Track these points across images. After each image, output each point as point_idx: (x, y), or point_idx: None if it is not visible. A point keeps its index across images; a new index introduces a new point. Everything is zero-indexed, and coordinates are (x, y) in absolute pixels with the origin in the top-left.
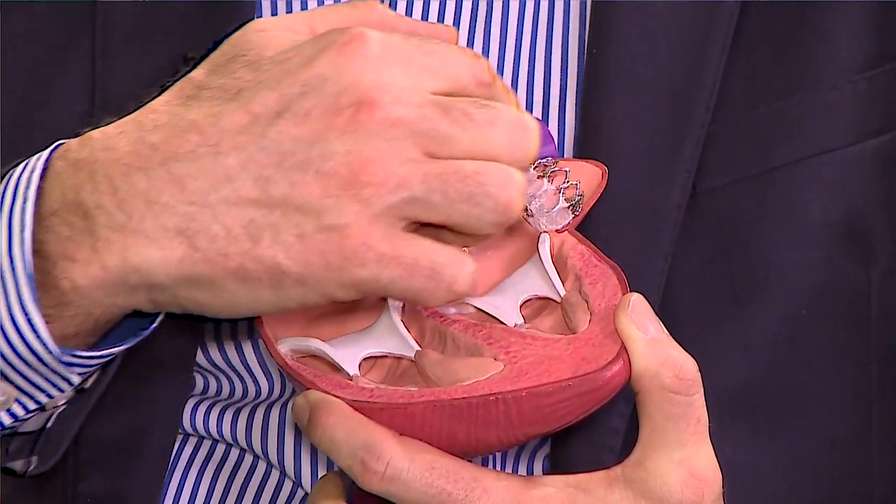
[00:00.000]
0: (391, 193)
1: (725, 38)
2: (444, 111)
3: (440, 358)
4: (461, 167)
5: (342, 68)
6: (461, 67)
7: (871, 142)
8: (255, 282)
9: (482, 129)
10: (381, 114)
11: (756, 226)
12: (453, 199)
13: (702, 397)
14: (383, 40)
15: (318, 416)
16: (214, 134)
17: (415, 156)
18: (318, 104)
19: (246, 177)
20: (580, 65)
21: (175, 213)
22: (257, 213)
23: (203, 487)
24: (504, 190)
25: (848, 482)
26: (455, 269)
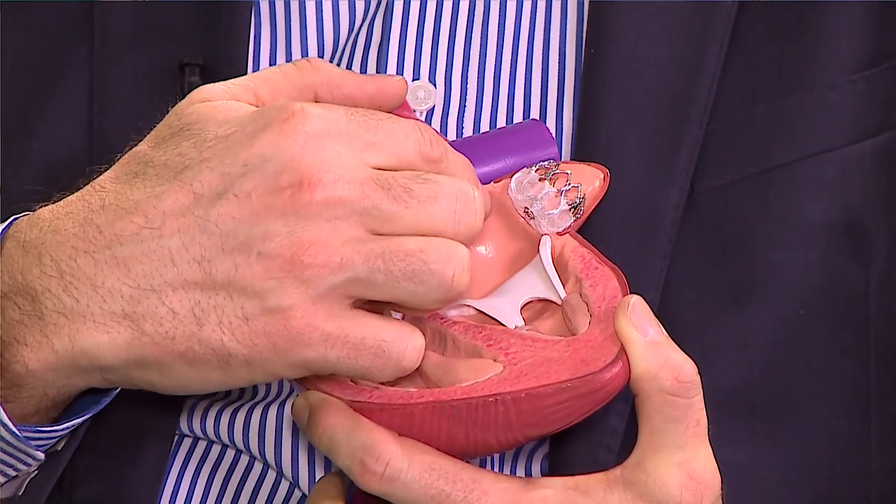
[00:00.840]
0: (333, 274)
1: (723, 38)
2: (385, 189)
3: (440, 359)
4: (403, 245)
5: (282, 147)
6: (406, 143)
7: (870, 141)
8: (202, 364)
9: (424, 205)
10: (322, 193)
11: (755, 226)
12: (397, 277)
13: (701, 400)
14: (323, 116)
15: (318, 417)
16: (157, 216)
17: (357, 234)
18: (258, 185)
19: (189, 259)
20: (577, 65)
21: (121, 297)
22: (202, 296)
23: (199, 488)
24: (448, 265)
25: (846, 482)
26: (401, 346)
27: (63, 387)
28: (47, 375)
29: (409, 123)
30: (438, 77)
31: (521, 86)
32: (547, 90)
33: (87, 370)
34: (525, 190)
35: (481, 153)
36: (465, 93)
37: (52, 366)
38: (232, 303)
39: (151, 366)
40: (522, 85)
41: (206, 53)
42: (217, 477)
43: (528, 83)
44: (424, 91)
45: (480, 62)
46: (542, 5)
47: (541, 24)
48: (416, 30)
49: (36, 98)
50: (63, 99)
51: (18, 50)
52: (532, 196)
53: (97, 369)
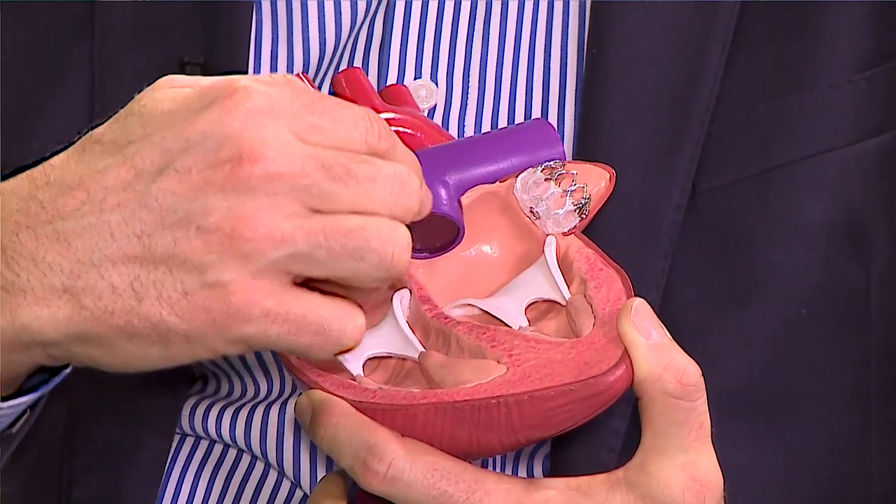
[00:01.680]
0: (274, 249)
1: (725, 38)
2: (325, 167)
3: (444, 360)
4: (344, 222)
5: (224, 123)
6: (353, 131)
7: (871, 141)
8: (142, 338)
9: (363, 185)
10: (262, 168)
11: (755, 226)
12: (338, 253)
13: (705, 402)
14: (268, 94)
15: (321, 416)
16: (99, 191)
17: (297, 210)
18: (199, 160)
19: (129, 234)
20: (579, 64)
21: (61, 272)
22: (141, 271)
23: (201, 488)
24: (388, 244)
25: (847, 482)
26: (342, 324)
27: (8, 364)
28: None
29: (359, 112)
30: (440, 76)
31: (522, 85)
32: (548, 89)
33: (29, 346)
34: (530, 190)
35: (487, 152)
36: (467, 92)
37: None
38: (171, 277)
39: (92, 341)
40: (524, 84)
41: (207, 52)
42: (219, 477)
43: (529, 82)
44: (426, 90)
45: (482, 61)
46: (544, 4)
47: (542, 23)
48: (417, 28)
49: (36, 97)
50: (63, 98)
51: (19, 49)
52: (537, 196)
53: (39, 345)
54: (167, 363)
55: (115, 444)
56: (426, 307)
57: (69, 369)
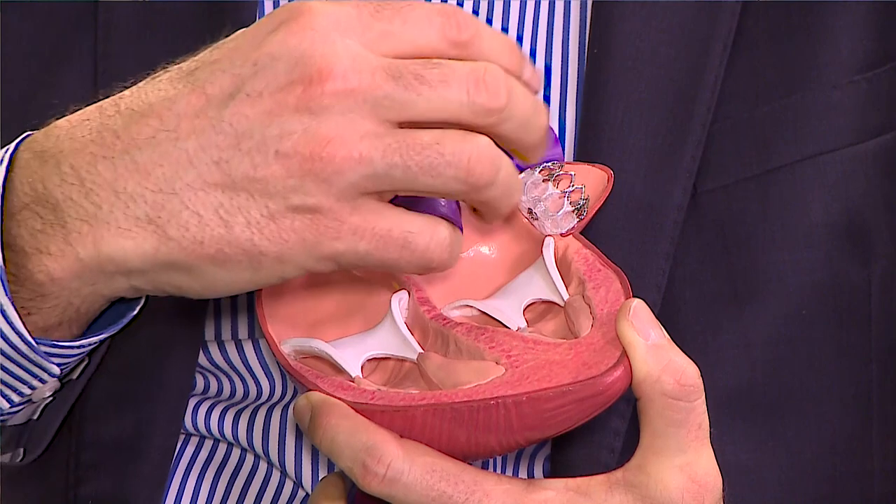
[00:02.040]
0: (352, 171)
1: (727, 38)
2: (395, 77)
3: (442, 361)
4: (419, 137)
5: (291, 45)
6: (427, 29)
7: (872, 142)
8: (234, 264)
9: (436, 90)
10: (332, 86)
11: (757, 226)
12: (415, 172)
13: (703, 403)
14: (332, 12)
15: (320, 418)
16: (172, 118)
17: (372, 127)
18: (269, 83)
19: (207, 161)
20: (580, 65)
21: (143, 202)
22: (224, 197)
23: (204, 488)
24: (462, 156)
25: (848, 482)
26: (427, 239)
27: (88, 295)
28: (72, 283)
29: (432, 8)
30: None
31: None
32: (549, 90)
33: (113, 275)
34: (529, 191)
35: None
36: None
37: (77, 273)
38: (255, 203)
39: (180, 269)
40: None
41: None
42: (222, 477)
43: None
44: None
45: None
46: (545, 4)
47: (543, 25)
48: None
49: (40, 92)
50: (67, 93)
51: (22, 43)
52: (536, 197)
53: (123, 274)
54: (255, 286)
55: (121, 442)
56: (424, 308)
57: (140, 306)
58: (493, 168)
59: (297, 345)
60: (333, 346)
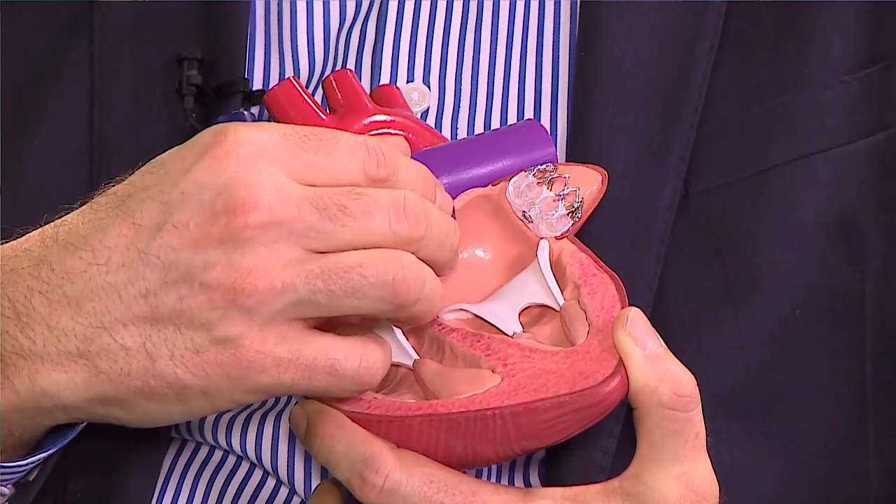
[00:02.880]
0: (276, 299)
1: (713, 39)
2: (321, 209)
3: (438, 369)
4: (342, 261)
5: (216, 172)
6: (349, 164)
7: (864, 141)
8: (161, 397)
9: (359, 220)
10: (256, 217)
11: (749, 226)
12: (339, 295)
13: (700, 412)
14: (259, 139)
15: (316, 428)
16: (103, 251)
17: (296, 255)
18: (195, 213)
19: (135, 294)
20: (571, 67)
21: (74, 337)
22: (151, 331)
23: (199, 494)
24: (387, 274)
25: (844, 482)
26: (353, 363)
27: (29, 426)
28: (12, 416)
29: (355, 142)
30: (432, 79)
31: (514, 88)
32: (541, 92)
33: (51, 410)
34: (523, 194)
35: (479, 154)
36: (460, 95)
37: (16, 406)
38: (181, 335)
39: (112, 402)
40: (516, 87)
41: (205, 49)
42: (216, 482)
43: (521, 85)
44: (419, 93)
45: (474, 64)
46: (536, 7)
47: (534, 27)
48: (410, 31)
49: (36, 95)
50: (63, 95)
51: (18, 47)
52: (530, 200)
53: (60, 409)
54: (189, 417)
55: (111, 440)
56: None
57: (83, 425)
58: (417, 285)
59: None
60: None
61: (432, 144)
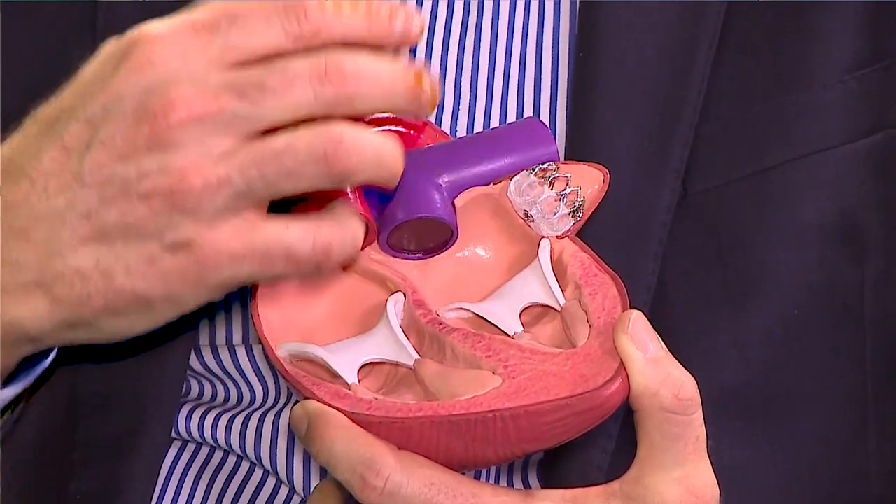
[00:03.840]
0: (215, 195)
1: (712, 38)
2: (240, 93)
3: (439, 369)
4: (271, 145)
5: (133, 80)
6: (266, 32)
7: (864, 141)
8: (126, 312)
9: (282, 96)
10: (176, 116)
11: (750, 226)
12: (275, 180)
13: (700, 416)
14: (168, 37)
15: (317, 429)
16: (40, 178)
17: (227, 146)
18: (119, 125)
19: (77, 216)
20: (570, 69)
21: (28, 268)
22: (101, 250)
23: (199, 494)
24: (317, 148)
25: (845, 482)
26: (309, 245)
27: None
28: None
29: (271, 7)
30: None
31: (514, 88)
32: (540, 92)
33: (19, 341)
34: (524, 193)
35: (480, 152)
36: (459, 95)
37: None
38: (132, 249)
39: (78, 325)
40: (516, 87)
41: None
42: (217, 482)
43: (521, 88)
44: None
45: (473, 67)
46: (535, 8)
47: (534, 27)
48: None
49: (40, 98)
50: None
51: (22, 49)
52: (531, 199)
53: (27, 340)
54: (158, 324)
55: (113, 439)
56: (420, 312)
57: (49, 360)
58: (356, 152)
59: (292, 350)
60: (329, 350)
61: (434, 141)
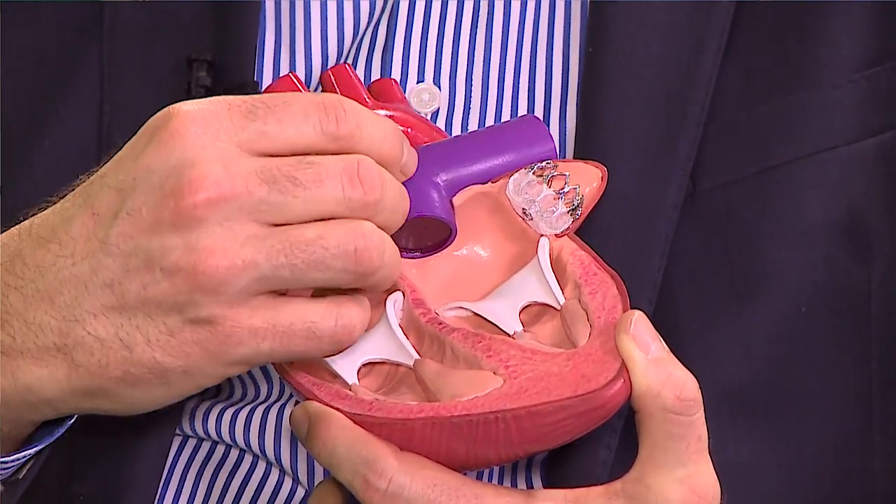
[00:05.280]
0: (238, 278)
1: (721, 37)
2: (269, 182)
3: (439, 369)
4: (302, 234)
5: (163, 155)
6: (303, 126)
7: (872, 140)
8: (144, 383)
9: (311, 191)
10: (204, 195)
11: (756, 224)
12: (302, 269)
13: (702, 416)
14: (202, 114)
15: (318, 430)
16: (69, 242)
17: (254, 230)
18: (147, 198)
19: (100, 284)
20: (581, 66)
21: (51, 331)
22: (122, 319)
23: (202, 489)
24: (348, 247)
25: (849, 481)
26: (332, 323)
27: (16, 423)
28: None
29: (309, 103)
30: (443, 79)
31: (524, 87)
32: (550, 91)
33: (36, 405)
34: (523, 191)
35: (478, 151)
36: (470, 95)
37: (1, 403)
38: (153, 321)
39: (96, 394)
40: (526, 86)
41: (216, 51)
42: (220, 476)
43: (531, 85)
44: (429, 94)
45: (485, 64)
46: (546, 7)
47: (544, 26)
48: (420, 32)
49: (47, 97)
50: (74, 98)
51: (29, 49)
52: (530, 198)
53: (45, 403)
54: (175, 399)
55: (116, 440)
56: (420, 311)
57: (73, 420)
58: (378, 253)
59: None
60: None
61: (432, 139)
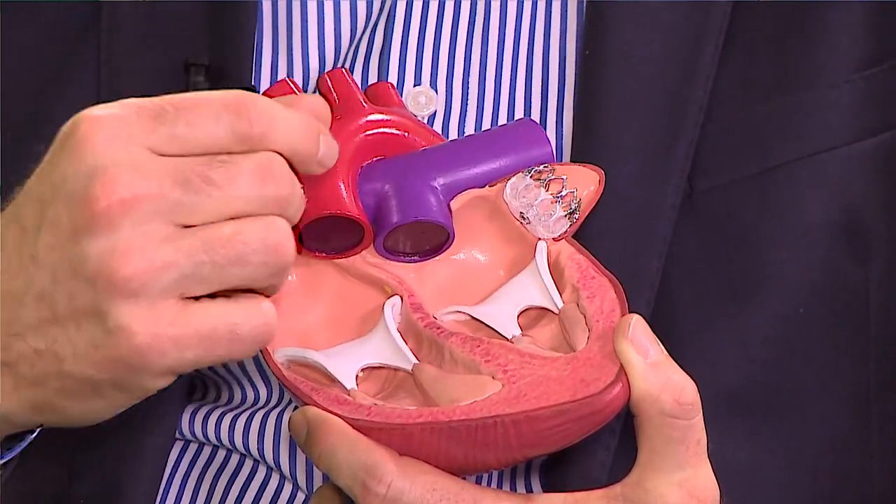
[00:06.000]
0: (158, 278)
1: (718, 38)
2: (182, 181)
3: (438, 374)
4: (220, 232)
5: (76, 162)
6: (214, 128)
7: (870, 140)
8: (80, 396)
9: (224, 190)
10: (116, 199)
11: (755, 225)
12: (223, 265)
13: (701, 420)
14: (111, 121)
15: (317, 435)
16: (4, 259)
17: (169, 232)
18: (64, 207)
19: (33, 297)
20: (578, 68)
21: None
22: (57, 331)
23: (202, 493)
24: (268, 241)
25: (847, 481)
26: (254, 322)
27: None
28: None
29: (220, 104)
30: (439, 83)
31: (521, 90)
32: (547, 94)
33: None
34: (520, 195)
35: (475, 155)
36: (467, 98)
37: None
38: (81, 332)
39: (43, 407)
40: (523, 89)
41: (212, 53)
42: (220, 480)
43: (528, 87)
44: (426, 97)
45: (481, 67)
46: (542, 10)
47: (541, 29)
48: (417, 36)
49: (44, 99)
50: (71, 100)
51: (26, 51)
52: (527, 202)
53: (3, 420)
54: (118, 410)
55: (116, 441)
56: (418, 315)
57: (35, 434)
58: (290, 248)
59: (290, 355)
60: (326, 355)
61: (429, 143)
